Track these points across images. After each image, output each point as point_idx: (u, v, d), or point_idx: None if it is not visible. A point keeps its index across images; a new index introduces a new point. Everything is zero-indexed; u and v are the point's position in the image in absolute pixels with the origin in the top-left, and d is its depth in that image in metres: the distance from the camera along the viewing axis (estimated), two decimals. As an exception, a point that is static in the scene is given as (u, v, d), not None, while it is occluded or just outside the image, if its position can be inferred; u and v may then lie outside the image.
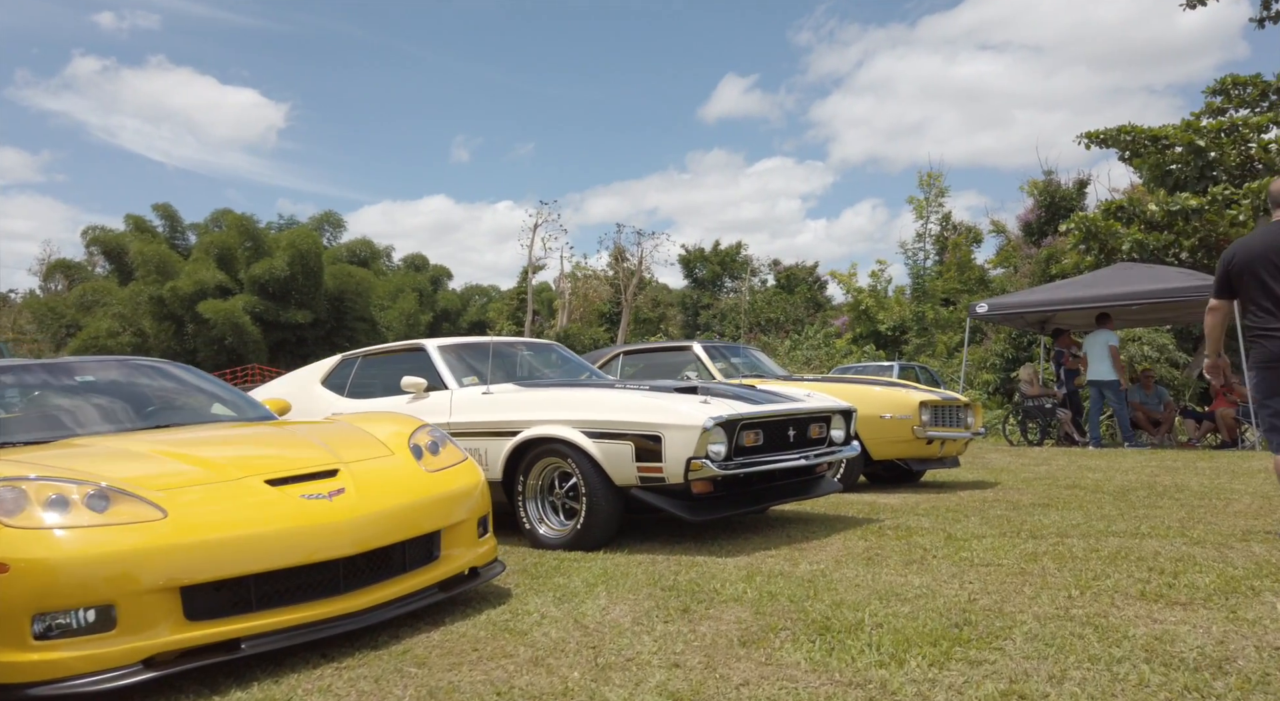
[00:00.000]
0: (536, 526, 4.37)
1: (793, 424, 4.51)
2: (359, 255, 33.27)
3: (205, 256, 29.87)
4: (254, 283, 28.99)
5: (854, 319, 27.22)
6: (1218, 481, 6.71)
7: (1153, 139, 16.47)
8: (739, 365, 7.68)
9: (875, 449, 6.47)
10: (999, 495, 6.19)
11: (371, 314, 31.93)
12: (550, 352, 5.85)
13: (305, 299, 29.91)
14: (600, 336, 35.72)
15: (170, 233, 31.90)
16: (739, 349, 7.93)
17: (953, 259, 28.41)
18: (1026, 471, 8.05)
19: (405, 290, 33.62)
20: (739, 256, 37.21)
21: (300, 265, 29.19)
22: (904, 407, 6.35)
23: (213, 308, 27.63)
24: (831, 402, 4.87)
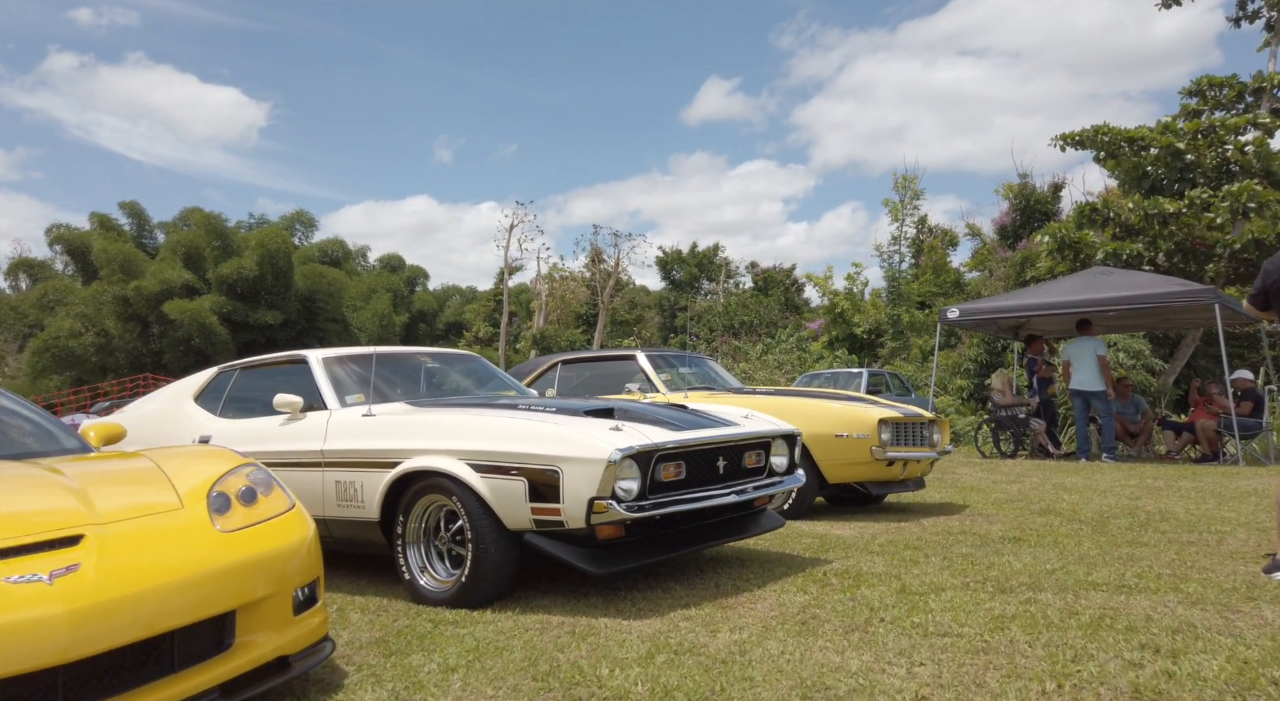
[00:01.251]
0: (418, 576, 3.63)
1: (723, 453, 3.79)
2: (331, 255, 32.38)
3: (172, 256, 28.92)
4: (222, 283, 28.07)
5: (830, 322, 26.61)
6: (1205, 507, 6.06)
7: (1129, 140, 15.91)
8: (688, 375, 6.96)
9: (830, 471, 5.77)
10: (966, 524, 5.50)
11: (344, 315, 31.05)
12: (464, 364, 5.10)
13: (275, 299, 29.00)
14: (577, 338, 34.97)
15: (138, 231, 30.89)
16: (689, 358, 7.22)
17: (928, 262, 27.87)
18: (997, 490, 7.38)
19: (379, 291, 32.75)
20: (716, 258, 36.55)
21: (270, 265, 28.30)
22: (861, 426, 5.66)
23: (179, 308, 26.70)
24: (771, 426, 4.16)
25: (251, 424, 4.31)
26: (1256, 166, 15.11)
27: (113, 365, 27.84)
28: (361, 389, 4.23)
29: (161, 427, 4.65)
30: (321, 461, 3.88)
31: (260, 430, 4.21)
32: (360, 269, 36.63)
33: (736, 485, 3.82)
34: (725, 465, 3.80)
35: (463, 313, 38.97)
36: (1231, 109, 16.47)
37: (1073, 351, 10.42)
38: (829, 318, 26.77)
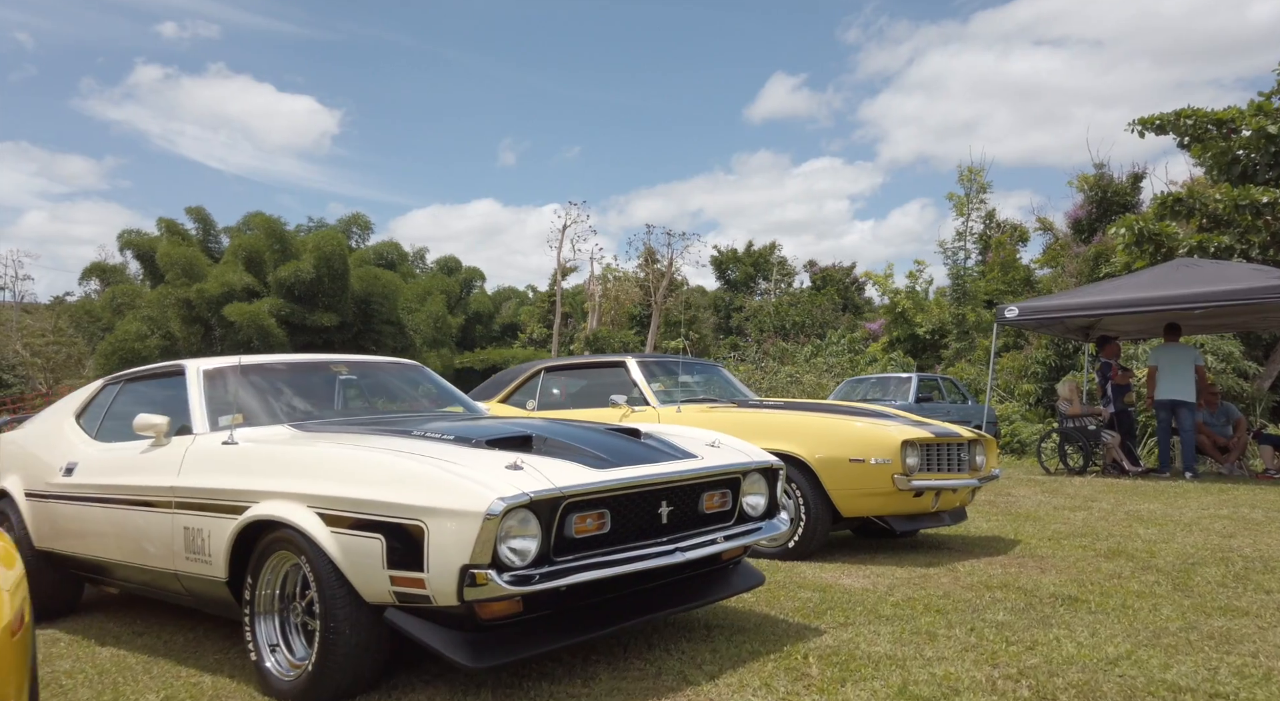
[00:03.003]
0: (265, 657, 2.79)
1: (668, 496, 2.86)
2: (386, 257, 32.31)
3: (234, 259, 29.16)
4: (280, 285, 28.13)
5: (890, 322, 25.18)
6: (1318, 551, 4.83)
7: (1217, 123, 14.22)
8: (691, 385, 6.02)
9: (844, 503, 4.76)
10: (1010, 571, 4.42)
11: (399, 317, 30.90)
12: (398, 375, 4.27)
13: (332, 302, 28.97)
14: (630, 339, 34.21)
15: (204, 236, 31.34)
16: (694, 365, 6.26)
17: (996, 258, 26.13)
18: (1058, 520, 6.21)
19: (433, 293, 32.53)
20: (772, 257, 35.29)
21: (326, 268, 28.25)
22: (881, 448, 4.62)
23: (238, 310, 26.84)
24: (739, 458, 3.20)
25: (119, 449, 3.56)
26: (1365, 148, 13.29)
27: (177, 367, 28.21)
28: (243, 406, 3.43)
29: (39, 450, 3.95)
30: (172, 500, 3.10)
31: (122, 459, 3.45)
32: (418, 271, 36.56)
33: (687, 537, 2.88)
34: (671, 512, 2.87)
35: (518, 314, 38.62)
36: (1337, 84, 14.58)
37: (1162, 359, 9.07)
38: (889, 317, 25.31)
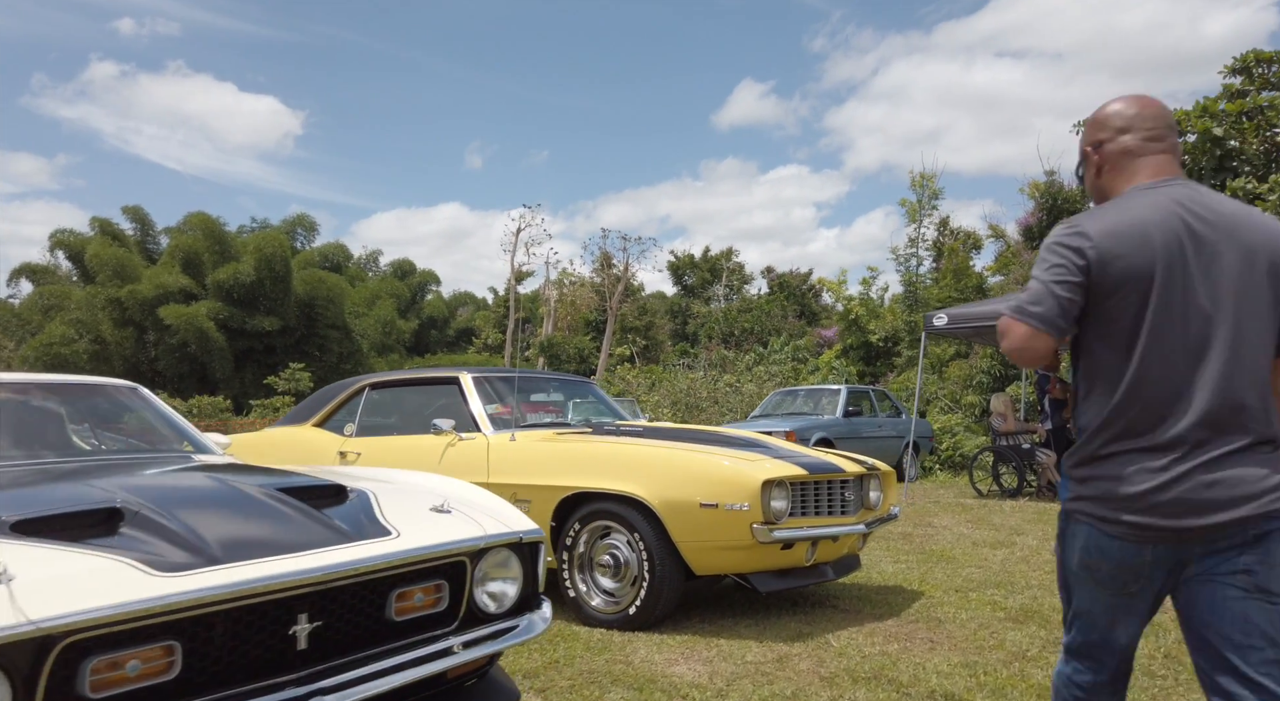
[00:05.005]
0: None
1: (308, 606, 1.86)
2: (332, 260, 31.01)
3: (171, 260, 27.79)
4: (219, 288, 26.79)
5: (844, 329, 24.42)
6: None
7: (1162, 126, 13.56)
8: (549, 406, 5.05)
9: (695, 558, 3.80)
10: (891, 650, 3.48)
11: (345, 321, 29.61)
12: (100, 403, 3.24)
13: (273, 305, 27.66)
14: (586, 345, 33.19)
15: (142, 236, 29.85)
16: (556, 382, 5.29)
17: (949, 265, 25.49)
18: (974, 561, 5.32)
19: (382, 297, 31.29)
20: (728, 263, 34.48)
21: (267, 270, 26.96)
22: (735, 490, 3.67)
23: (175, 313, 25.46)
24: (468, 532, 2.20)
25: None
26: (1312, 152, 12.69)
27: (109, 373, 26.70)
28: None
29: None
30: None
31: None
32: (370, 274, 35.27)
33: (352, 666, 1.89)
34: (319, 629, 1.87)
35: (474, 320, 37.46)
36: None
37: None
38: (843, 325, 24.57)
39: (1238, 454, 1.52)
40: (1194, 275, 1.56)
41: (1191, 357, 1.55)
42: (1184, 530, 1.52)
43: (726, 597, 4.45)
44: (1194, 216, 1.58)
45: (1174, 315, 1.55)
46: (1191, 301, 1.55)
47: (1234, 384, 1.54)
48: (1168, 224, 1.57)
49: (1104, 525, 1.59)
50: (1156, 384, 1.56)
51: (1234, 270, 1.56)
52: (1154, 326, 1.56)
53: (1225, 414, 1.53)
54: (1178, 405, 1.54)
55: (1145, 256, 1.55)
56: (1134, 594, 1.61)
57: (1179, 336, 1.55)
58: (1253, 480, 1.51)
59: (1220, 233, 1.57)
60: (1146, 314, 1.56)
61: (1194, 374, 1.54)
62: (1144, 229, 1.57)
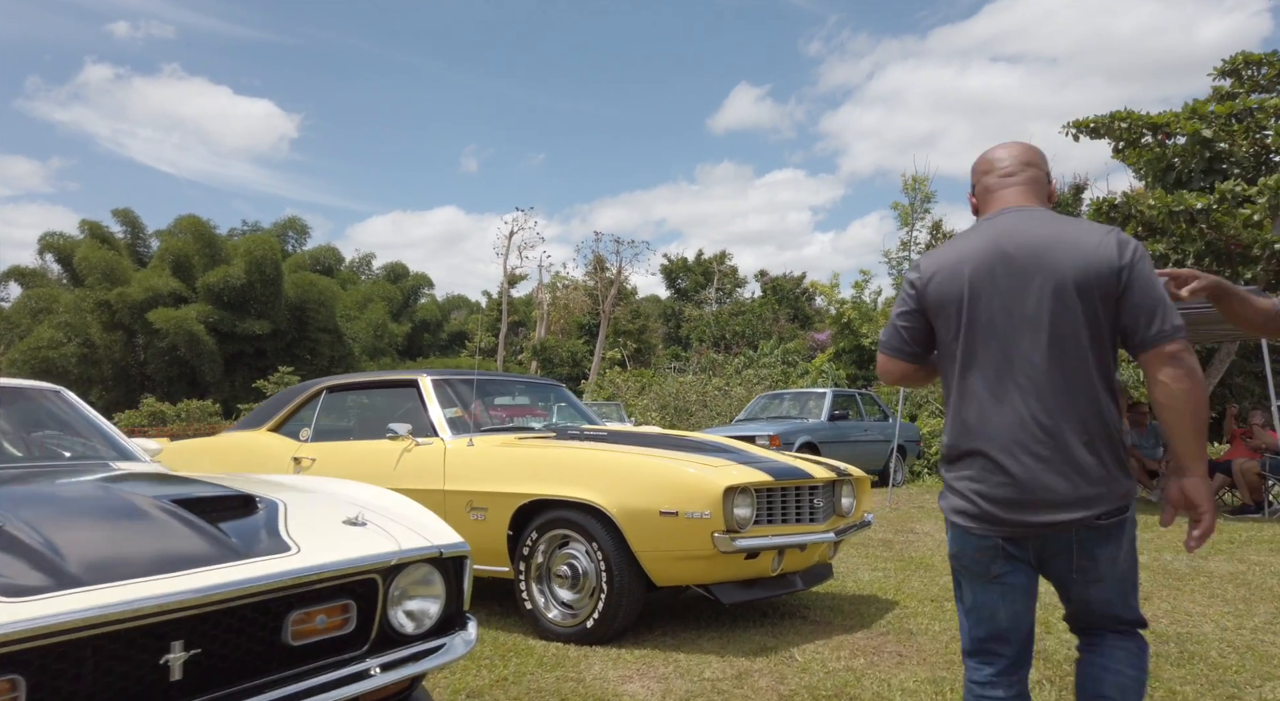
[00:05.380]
0: None
1: (185, 632, 1.69)
2: (323, 263, 30.79)
3: (161, 264, 27.57)
4: (209, 291, 26.57)
5: (836, 333, 24.29)
6: (1251, 624, 3.76)
7: (1151, 127, 13.44)
8: (519, 408, 4.87)
9: (655, 568, 3.62)
10: (859, 665, 3.31)
11: (337, 325, 29.39)
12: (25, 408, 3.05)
13: (264, 308, 27.45)
14: (579, 349, 33.04)
15: (132, 239, 29.63)
16: (523, 385, 5.11)
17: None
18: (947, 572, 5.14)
19: (374, 300, 31.07)
20: (721, 266, 34.33)
21: (258, 273, 26.75)
22: (696, 498, 3.50)
23: (164, 316, 25.22)
24: (380, 547, 2.02)
25: None
26: (1302, 154, 12.57)
27: (97, 376, 26.50)
28: None
29: None
30: None
31: None
32: (363, 277, 35.03)
33: (236, 697, 1.71)
34: (195, 658, 1.69)
35: (467, 323, 37.25)
36: (1272, 90, 13.90)
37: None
38: (836, 328, 24.44)
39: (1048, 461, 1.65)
40: (999, 298, 1.70)
41: (1001, 373, 1.69)
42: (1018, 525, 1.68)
43: (692, 608, 4.28)
44: (1011, 243, 1.71)
45: (981, 334, 1.71)
46: (997, 322, 1.70)
47: (1044, 396, 1.65)
48: (983, 253, 1.72)
49: (962, 522, 1.75)
50: (969, 398, 1.72)
51: (1043, 292, 1.66)
52: (967, 346, 1.73)
53: (1036, 424, 1.65)
54: (996, 416, 1.69)
55: (956, 283, 1.73)
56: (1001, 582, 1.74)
57: (988, 354, 1.70)
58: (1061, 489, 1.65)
59: (1031, 258, 1.68)
60: (960, 334, 1.73)
61: (1005, 388, 1.68)
62: (961, 259, 1.74)
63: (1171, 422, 1.61)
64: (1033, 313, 1.67)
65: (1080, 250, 1.66)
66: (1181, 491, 1.65)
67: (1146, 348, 1.62)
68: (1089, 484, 1.64)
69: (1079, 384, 1.65)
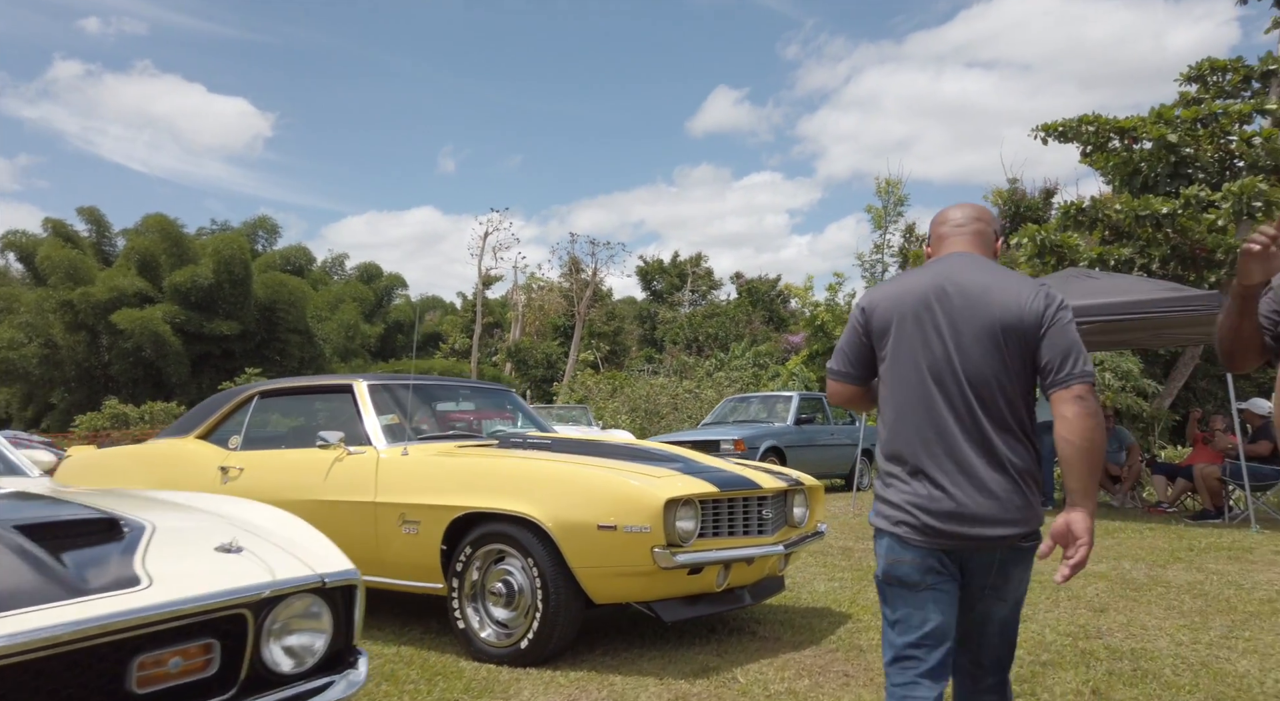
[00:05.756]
0: None
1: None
2: (294, 263, 30.31)
3: (127, 263, 27.02)
4: (176, 291, 26.06)
5: (810, 336, 24.25)
6: (1207, 637, 3.64)
7: (1119, 131, 13.47)
8: (461, 414, 4.67)
9: (593, 584, 3.43)
10: (803, 686, 3.14)
11: (308, 325, 28.94)
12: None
13: (232, 309, 26.97)
14: (554, 350, 32.78)
15: (97, 238, 29.00)
16: (467, 390, 4.90)
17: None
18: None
19: (346, 300, 30.63)
20: (697, 268, 34.22)
21: (226, 273, 26.29)
22: (635, 511, 3.31)
23: (128, 317, 24.69)
24: (253, 578, 1.81)
25: None
26: (1264, 160, 12.63)
27: (60, 378, 25.89)
28: None
29: None
30: None
31: None
32: (335, 278, 34.56)
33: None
34: None
35: (441, 324, 36.86)
36: (1237, 96, 13.99)
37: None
38: (809, 331, 24.40)
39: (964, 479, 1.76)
40: (932, 331, 1.82)
41: (928, 399, 1.81)
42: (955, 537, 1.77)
43: (636, 624, 4.09)
44: (949, 283, 1.84)
45: (909, 363, 1.84)
46: (928, 352, 1.82)
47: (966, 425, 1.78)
48: (922, 289, 1.86)
49: (893, 534, 1.83)
50: (903, 419, 1.84)
51: (975, 330, 1.79)
52: (898, 371, 1.86)
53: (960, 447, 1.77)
54: (920, 437, 1.81)
55: (895, 314, 1.87)
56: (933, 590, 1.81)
57: (917, 381, 1.83)
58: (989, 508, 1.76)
59: (968, 299, 1.81)
60: (899, 358, 1.86)
61: (930, 413, 1.80)
62: (905, 292, 1.88)
63: (1070, 457, 1.71)
64: (964, 346, 1.80)
65: (1012, 297, 1.79)
66: (1066, 524, 1.72)
67: (1057, 387, 1.74)
68: (1013, 508, 1.77)
69: (999, 417, 1.78)
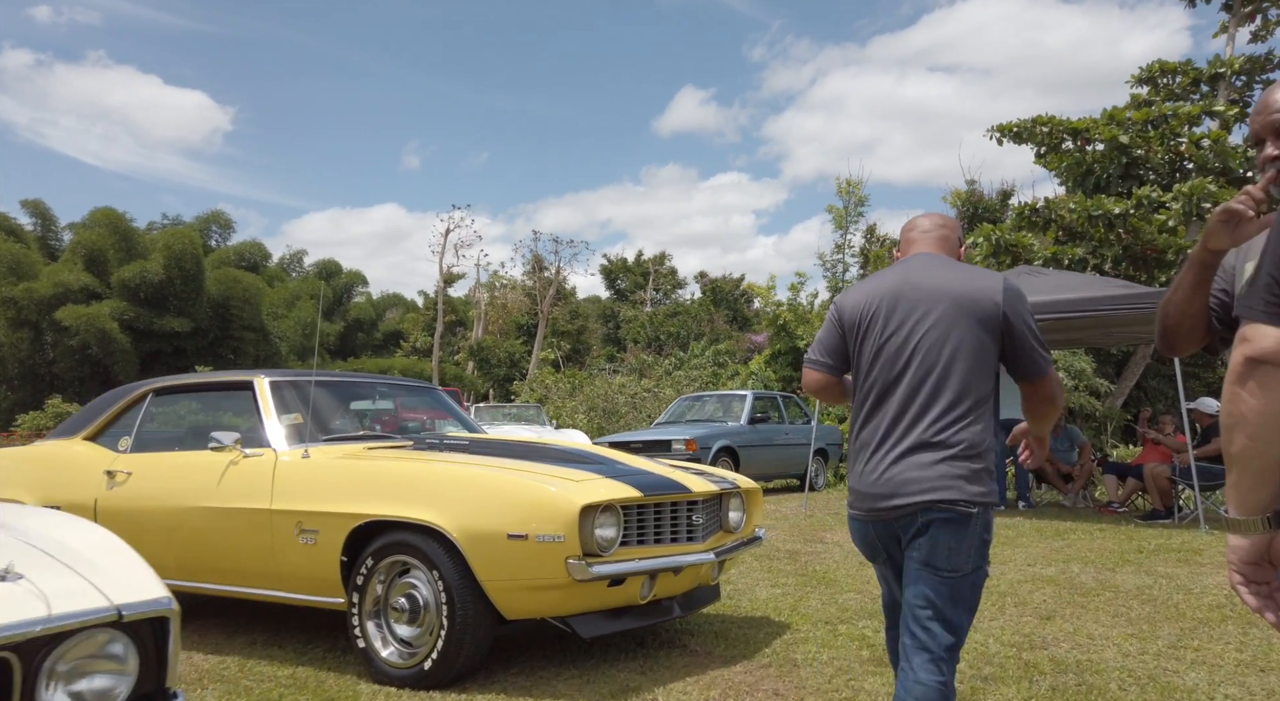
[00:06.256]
0: None
1: None
2: (249, 258, 29.48)
3: (73, 258, 26.01)
4: (125, 287, 25.13)
5: (773, 335, 24.13)
6: (1154, 647, 3.44)
7: (1072, 132, 13.49)
8: (372, 414, 4.34)
9: (503, 599, 3.13)
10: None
11: (263, 322, 28.14)
12: None
13: (184, 306, 26.08)
14: (517, 349, 32.34)
15: (43, 232, 27.94)
16: (381, 386, 4.57)
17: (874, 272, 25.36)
18: (855, 585, 4.77)
19: (303, 297, 29.85)
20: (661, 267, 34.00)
21: (177, 268, 25.40)
22: (547, 518, 3.02)
23: (74, 314, 23.74)
24: (30, 612, 1.50)
25: None
26: (1212, 162, 12.73)
27: (2, 376, 24.85)
28: None
29: None
30: None
31: None
32: (293, 274, 33.69)
33: None
34: None
35: (403, 322, 36.18)
36: (1186, 99, 14.09)
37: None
38: (772, 331, 24.29)
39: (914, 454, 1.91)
40: (898, 324, 1.99)
41: (890, 379, 1.98)
42: (876, 511, 1.97)
43: (556, 640, 3.80)
44: (910, 283, 2.01)
45: (881, 353, 2.00)
46: (895, 343, 1.98)
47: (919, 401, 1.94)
48: (886, 287, 2.04)
49: (848, 506, 2.09)
50: (866, 398, 2.03)
51: (944, 320, 1.95)
52: (870, 360, 2.02)
53: (905, 422, 1.94)
54: (876, 414, 2.00)
55: (865, 310, 2.04)
56: (881, 561, 2.09)
57: (887, 369, 1.99)
58: (921, 478, 1.90)
59: (933, 292, 1.98)
60: (866, 350, 2.04)
61: (890, 392, 1.98)
62: (876, 288, 2.06)
63: (1041, 425, 2.07)
64: (934, 335, 1.95)
65: (973, 288, 1.96)
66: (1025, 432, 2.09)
67: (1029, 379, 1.99)
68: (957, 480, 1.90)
69: (963, 391, 1.93)
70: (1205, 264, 1.57)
